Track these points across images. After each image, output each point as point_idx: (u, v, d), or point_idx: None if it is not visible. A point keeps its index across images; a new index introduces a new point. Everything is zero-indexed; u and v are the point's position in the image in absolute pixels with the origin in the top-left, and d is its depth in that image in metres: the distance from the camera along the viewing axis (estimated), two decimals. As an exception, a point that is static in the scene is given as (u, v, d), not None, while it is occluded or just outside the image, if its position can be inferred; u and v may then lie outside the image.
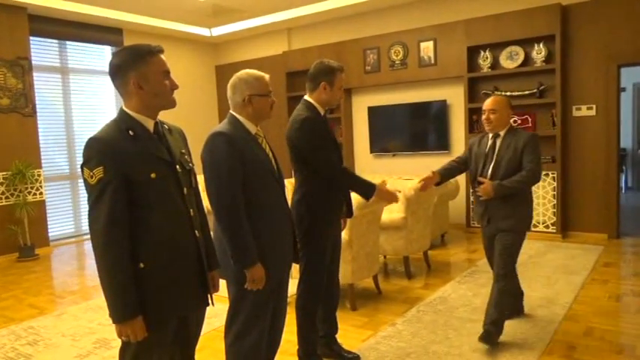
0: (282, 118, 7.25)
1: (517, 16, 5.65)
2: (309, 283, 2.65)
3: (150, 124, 1.70)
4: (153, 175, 1.63)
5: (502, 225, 2.96)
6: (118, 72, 1.65)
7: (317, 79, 2.60)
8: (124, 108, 1.68)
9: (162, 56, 1.69)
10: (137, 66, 1.63)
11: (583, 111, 5.51)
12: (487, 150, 3.05)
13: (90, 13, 6.41)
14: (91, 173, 1.55)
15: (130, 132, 1.63)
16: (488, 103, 3.02)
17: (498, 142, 3.01)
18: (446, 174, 3.21)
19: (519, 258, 3.05)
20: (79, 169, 1.64)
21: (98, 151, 1.57)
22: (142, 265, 1.61)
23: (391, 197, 2.67)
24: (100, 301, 4.14)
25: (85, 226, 6.90)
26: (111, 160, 1.56)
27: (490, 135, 3.07)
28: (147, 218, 1.62)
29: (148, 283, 1.62)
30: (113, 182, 1.56)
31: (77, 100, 6.93)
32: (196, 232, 1.77)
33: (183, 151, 1.81)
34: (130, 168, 1.59)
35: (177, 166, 1.73)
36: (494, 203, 2.96)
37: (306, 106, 2.63)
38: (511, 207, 2.94)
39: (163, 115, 1.76)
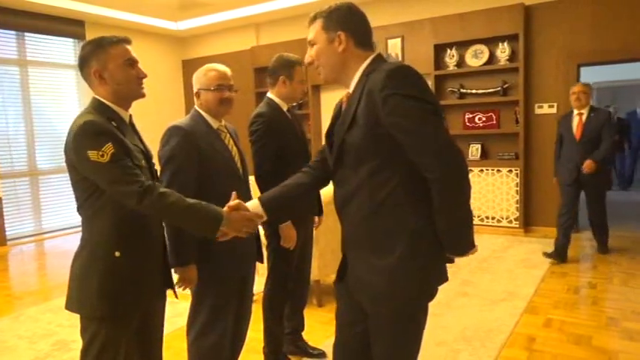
0: (250, 113, 7.20)
1: (482, 15, 5.75)
2: (275, 281, 2.64)
3: (125, 116, 1.71)
4: (143, 163, 1.65)
5: None
6: (82, 63, 1.66)
7: (276, 74, 2.59)
8: (96, 97, 1.67)
9: (128, 46, 1.68)
10: (97, 56, 1.63)
11: (545, 109, 5.66)
12: None
13: (50, 4, 6.18)
14: (101, 152, 1.52)
15: (113, 122, 1.62)
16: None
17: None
18: None
19: (482, 253, 3.03)
20: (67, 158, 1.60)
21: (99, 131, 1.54)
22: (117, 253, 1.61)
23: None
24: (60, 301, 4.02)
25: (45, 225, 6.70)
26: (113, 139, 1.55)
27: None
28: (125, 206, 1.60)
29: (121, 272, 1.62)
30: (124, 157, 1.55)
31: (37, 94, 6.68)
32: (163, 224, 1.81)
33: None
34: (127, 151, 1.59)
35: (152, 159, 1.76)
36: None
37: (266, 102, 2.62)
38: None
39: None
